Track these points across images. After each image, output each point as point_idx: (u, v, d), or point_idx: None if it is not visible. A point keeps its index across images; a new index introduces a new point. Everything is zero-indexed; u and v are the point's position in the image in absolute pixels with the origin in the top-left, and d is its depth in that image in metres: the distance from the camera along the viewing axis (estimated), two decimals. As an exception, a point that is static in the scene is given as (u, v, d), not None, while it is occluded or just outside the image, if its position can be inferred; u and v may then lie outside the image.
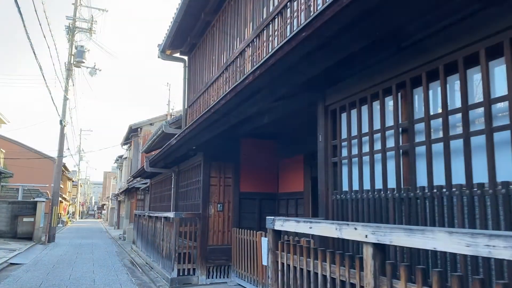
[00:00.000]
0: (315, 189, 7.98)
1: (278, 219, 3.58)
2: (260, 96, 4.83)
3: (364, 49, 3.23)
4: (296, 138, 8.18)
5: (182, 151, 9.01)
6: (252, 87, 4.20)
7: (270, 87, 4.20)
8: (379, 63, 3.37)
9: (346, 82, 3.75)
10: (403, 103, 3.17)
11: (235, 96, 4.56)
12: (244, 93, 4.51)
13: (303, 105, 5.21)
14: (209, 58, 10.00)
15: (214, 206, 8.61)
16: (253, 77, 3.90)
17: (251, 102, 5.16)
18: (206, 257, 8.34)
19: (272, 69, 3.65)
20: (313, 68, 3.62)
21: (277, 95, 4.72)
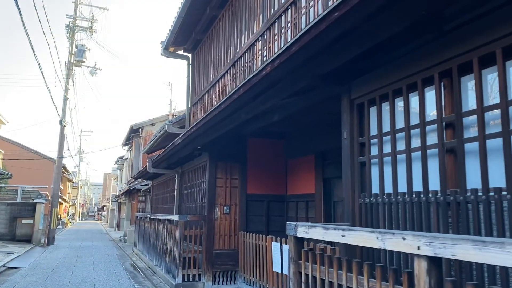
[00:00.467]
0: (328, 191, 7.64)
1: (301, 225, 3.20)
2: (275, 91, 4.45)
3: (400, 34, 2.86)
4: (307, 137, 7.80)
5: (187, 151, 8.63)
6: (268, 79, 3.83)
7: (289, 79, 3.82)
8: (416, 50, 2.99)
9: (376, 72, 3.37)
10: (447, 94, 2.79)
11: (249, 90, 4.19)
12: (258, 87, 4.13)
13: (321, 100, 4.84)
14: (214, 54, 9.63)
15: (220, 209, 8.22)
16: (271, 68, 3.53)
17: (264, 98, 4.79)
18: (212, 262, 7.95)
19: (294, 57, 3.28)
20: (339, 57, 3.25)
21: (294, 89, 4.34)
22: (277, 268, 6.36)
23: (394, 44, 3.10)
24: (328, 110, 6.40)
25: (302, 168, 8.05)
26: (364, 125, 3.54)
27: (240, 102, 4.74)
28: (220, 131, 6.96)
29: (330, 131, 7.14)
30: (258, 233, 7.51)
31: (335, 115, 6.72)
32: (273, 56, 3.45)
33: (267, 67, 3.58)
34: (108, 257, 14.33)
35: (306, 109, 6.27)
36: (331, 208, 7.19)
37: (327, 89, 4.04)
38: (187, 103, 11.47)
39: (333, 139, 7.13)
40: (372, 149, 3.46)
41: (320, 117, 6.94)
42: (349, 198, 3.56)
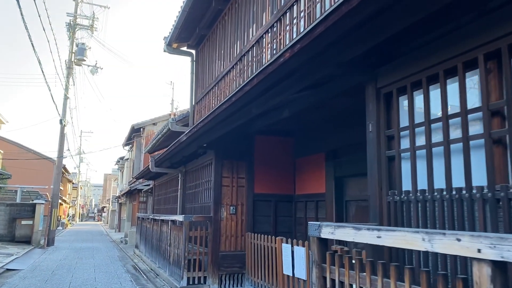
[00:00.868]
0: (339, 191, 7.34)
1: (326, 225, 2.90)
2: (291, 82, 4.16)
3: (438, 12, 2.57)
4: (316, 135, 7.51)
5: (192, 148, 8.33)
6: (286, 68, 3.53)
7: (308, 68, 3.53)
8: (455, 31, 2.70)
9: (407, 58, 3.07)
10: (493, 77, 2.50)
11: (264, 80, 3.89)
12: (273, 77, 3.84)
13: (338, 93, 4.55)
14: (219, 50, 9.33)
15: (226, 209, 7.92)
16: (290, 54, 3.23)
17: (278, 90, 4.50)
18: (218, 264, 7.65)
19: (317, 42, 2.98)
20: (367, 41, 2.96)
21: (311, 80, 4.04)
22: (288, 271, 6.06)
23: (430, 25, 2.81)
24: (342, 106, 6.12)
25: (312, 166, 7.75)
26: (393, 116, 3.24)
27: (252, 94, 4.45)
28: (227, 128, 6.67)
29: (342, 128, 6.86)
30: (265, 234, 7.22)
31: (348, 111, 6.47)
32: (293, 41, 3.15)
33: (285, 53, 3.28)
34: (109, 258, 14.02)
35: (317, 105, 5.98)
36: (343, 208, 6.89)
37: (347, 78, 3.74)
38: (191, 101, 11.18)
39: (345, 136, 6.87)
40: (402, 142, 3.16)
41: (331, 114, 6.65)
42: (375, 196, 3.27)
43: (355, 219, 6.66)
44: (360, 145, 6.60)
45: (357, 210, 6.62)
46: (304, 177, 8.07)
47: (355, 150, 6.56)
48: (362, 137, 6.49)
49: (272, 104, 5.24)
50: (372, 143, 3.34)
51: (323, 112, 6.58)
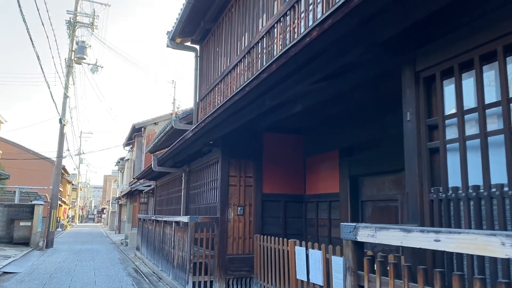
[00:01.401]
0: (355, 190, 6.95)
1: (364, 226, 2.51)
2: (312, 69, 3.78)
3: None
4: (330, 132, 7.12)
5: (197, 146, 7.95)
6: (311, 50, 3.15)
7: (337, 49, 3.14)
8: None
9: (454, 35, 2.69)
10: None
11: (284, 65, 3.51)
12: (295, 61, 3.46)
13: (361, 81, 4.18)
14: (225, 44, 8.95)
15: (234, 209, 7.53)
16: (319, 32, 2.84)
17: (296, 78, 4.12)
18: (225, 268, 7.25)
19: (351, 16, 2.60)
20: (408, 16, 2.57)
21: (335, 66, 3.66)
22: (302, 275, 5.66)
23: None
24: (360, 98, 5.73)
25: (324, 165, 7.36)
26: (436, 103, 2.86)
27: (269, 83, 4.06)
28: (236, 124, 6.29)
29: (358, 123, 6.47)
30: (275, 236, 6.83)
31: (366, 104, 6.08)
32: (323, 16, 2.76)
33: (312, 31, 2.89)
34: (110, 261, 13.62)
35: (333, 98, 5.61)
36: (358, 208, 6.50)
37: (380, 62, 3.36)
38: (195, 98, 10.80)
39: (361, 132, 6.47)
40: (448, 132, 2.77)
41: (347, 108, 6.26)
42: (415, 193, 2.88)
43: (371, 221, 6.26)
44: (378, 141, 6.24)
45: (374, 211, 6.23)
46: (315, 176, 7.68)
47: (372, 146, 6.19)
48: (380, 133, 6.13)
49: (287, 95, 4.86)
50: (411, 134, 2.95)
51: (338, 106, 6.20)
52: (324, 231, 7.23)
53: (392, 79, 4.65)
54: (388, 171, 5.87)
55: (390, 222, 5.85)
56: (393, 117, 5.63)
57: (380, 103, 5.73)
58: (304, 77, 4.18)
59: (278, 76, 3.86)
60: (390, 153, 5.75)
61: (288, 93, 4.78)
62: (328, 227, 7.12)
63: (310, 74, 4.10)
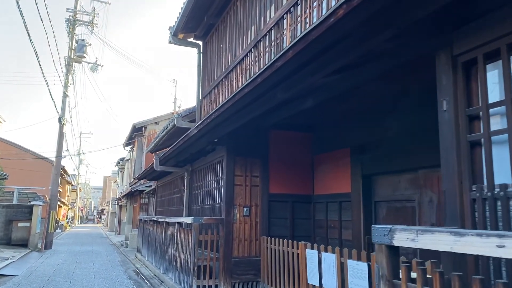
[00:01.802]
0: (367, 190, 6.63)
1: (402, 229, 2.19)
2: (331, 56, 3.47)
3: None
4: (340, 129, 6.81)
5: (201, 144, 7.65)
6: (335, 32, 2.84)
7: (363, 31, 2.83)
8: None
9: (498, 14, 2.38)
10: None
11: (302, 51, 3.20)
12: (315, 46, 3.14)
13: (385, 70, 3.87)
14: (230, 38, 8.64)
15: (239, 210, 7.21)
16: (346, 10, 2.53)
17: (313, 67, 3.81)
18: (230, 271, 6.93)
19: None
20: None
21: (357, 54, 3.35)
22: (314, 280, 5.34)
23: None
24: (376, 92, 5.43)
25: (334, 164, 7.04)
26: (475, 90, 2.54)
27: (283, 72, 3.75)
28: (242, 120, 5.98)
29: (372, 119, 6.15)
30: (282, 238, 6.52)
31: (381, 99, 5.77)
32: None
33: (338, 10, 2.58)
34: (110, 263, 13.30)
35: (346, 93, 5.29)
36: (371, 209, 6.19)
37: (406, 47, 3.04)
38: (198, 95, 10.49)
39: (375, 129, 6.14)
40: (493, 123, 2.45)
41: (361, 103, 5.95)
42: (454, 191, 2.56)
43: (386, 222, 5.95)
44: (393, 138, 5.91)
45: (389, 212, 5.91)
46: (324, 175, 7.36)
47: (386, 144, 5.86)
48: (395, 129, 5.81)
49: (299, 88, 4.55)
50: (448, 125, 2.63)
51: (351, 101, 5.89)
52: (334, 233, 6.92)
53: (415, 69, 4.35)
54: (404, 169, 5.56)
55: (406, 223, 5.53)
56: (411, 111, 5.32)
57: (398, 97, 5.42)
58: (320, 67, 3.87)
59: (294, 65, 3.55)
60: (406, 151, 5.45)
61: (301, 86, 4.46)
62: (338, 228, 6.80)
63: (326, 64, 3.80)
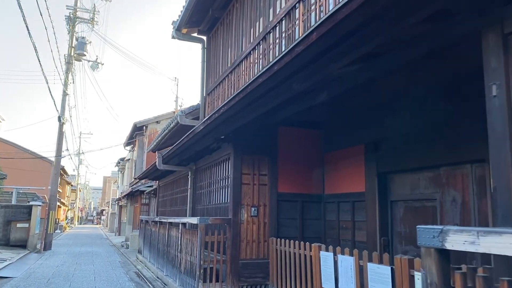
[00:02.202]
0: (383, 189, 6.32)
1: (456, 230, 1.89)
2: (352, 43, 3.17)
3: None
4: (354, 124, 6.50)
5: (207, 142, 7.34)
6: (369, 9, 2.52)
7: (405, 4, 2.52)
8: None
9: None
10: None
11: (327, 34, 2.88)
12: (342, 28, 2.83)
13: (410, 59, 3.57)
14: (236, 32, 8.33)
15: (247, 210, 6.90)
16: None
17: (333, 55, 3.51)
18: (238, 274, 6.62)
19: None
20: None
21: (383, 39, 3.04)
22: (329, 284, 5.03)
23: None
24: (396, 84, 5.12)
25: (346, 162, 6.73)
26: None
27: (303, 60, 3.45)
28: (251, 115, 5.68)
29: (388, 114, 5.83)
30: (291, 239, 6.22)
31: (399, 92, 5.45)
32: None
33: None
34: (110, 264, 12.98)
35: (363, 85, 4.99)
36: (387, 209, 5.87)
37: (446, 25, 2.73)
38: (202, 92, 10.18)
39: (392, 124, 5.80)
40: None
41: (377, 96, 5.64)
42: (507, 187, 2.25)
43: (403, 223, 5.64)
44: (412, 134, 5.58)
45: (407, 213, 5.60)
46: (335, 174, 7.05)
47: (404, 140, 5.54)
48: (415, 124, 5.50)
49: (316, 79, 4.24)
50: (499, 113, 2.32)
51: (367, 95, 5.58)
52: (347, 234, 6.61)
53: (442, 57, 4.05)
54: (424, 167, 5.25)
55: (426, 224, 5.22)
56: (433, 104, 5.02)
57: (418, 89, 5.12)
58: (342, 55, 3.58)
59: (316, 50, 3.24)
60: (426, 147, 5.14)
61: (318, 76, 4.16)
62: (351, 229, 6.49)
63: (349, 51, 3.50)
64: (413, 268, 3.76)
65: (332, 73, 4.19)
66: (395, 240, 5.76)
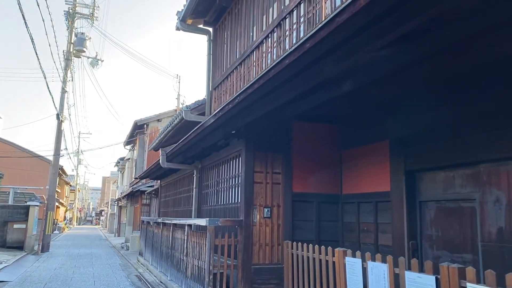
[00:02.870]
0: (412, 188, 5.79)
1: None
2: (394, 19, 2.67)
3: None
4: (377, 118, 5.98)
5: (215, 137, 6.84)
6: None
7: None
8: None
9: None
10: None
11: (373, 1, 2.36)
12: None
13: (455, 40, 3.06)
14: (246, 21, 7.82)
15: (260, 211, 6.39)
16: None
17: (374, 31, 3.00)
18: (250, 281, 6.10)
19: None
20: None
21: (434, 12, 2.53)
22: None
23: None
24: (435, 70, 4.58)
25: (368, 159, 6.21)
26: None
27: (343, 34, 2.93)
28: (267, 108, 5.20)
29: (418, 107, 5.31)
30: (306, 242, 5.72)
31: (436, 79, 4.92)
32: None
33: None
34: (110, 267, 12.45)
35: (394, 73, 4.49)
36: (416, 210, 5.35)
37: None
38: (208, 86, 9.67)
39: (422, 118, 5.26)
40: None
41: (408, 86, 5.11)
42: None
43: (434, 226, 5.12)
44: (445, 128, 5.05)
45: (439, 214, 5.07)
46: (355, 172, 6.53)
47: (437, 134, 5.02)
48: (449, 117, 4.95)
49: (350, 61, 3.72)
50: None
51: (396, 85, 5.06)
52: (369, 237, 6.08)
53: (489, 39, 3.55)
54: (460, 164, 4.73)
55: (463, 227, 4.71)
56: (472, 94, 4.51)
57: (455, 77, 4.60)
58: (379, 34, 3.07)
59: (359, 22, 2.72)
60: (463, 142, 4.61)
61: (353, 58, 3.65)
62: (374, 232, 5.97)
63: (390, 29, 3.01)
64: (464, 279, 3.25)
65: (360, 58, 3.69)
66: (425, 244, 5.24)
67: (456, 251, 4.76)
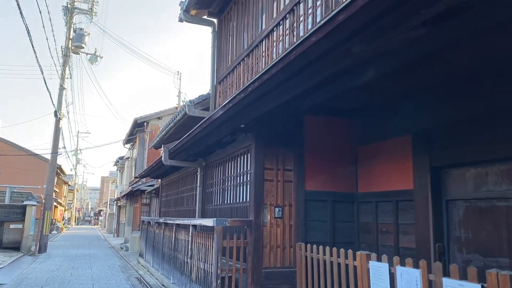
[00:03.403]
0: (437, 186, 5.38)
1: None
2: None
3: None
4: (397, 111, 5.56)
5: (222, 132, 6.41)
6: None
7: None
8: None
9: None
10: None
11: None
12: None
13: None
14: (254, 9, 7.39)
15: (270, 211, 5.96)
16: None
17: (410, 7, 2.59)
18: (260, 285, 5.67)
19: None
20: None
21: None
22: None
23: None
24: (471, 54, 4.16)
25: (387, 155, 5.78)
26: None
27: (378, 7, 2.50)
28: (282, 98, 4.77)
29: (444, 98, 4.91)
30: (320, 244, 5.29)
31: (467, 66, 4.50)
32: None
33: None
34: (109, 269, 12.02)
35: (422, 59, 4.07)
36: (442, 210, 4.93)
37: None
38: (212, 80, 9.24)
39: (450, 110, 4.85)
40: None
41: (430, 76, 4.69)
42: None
43: (464, 227, 4.70)
44: (477, 120, 4.64)
45: (469, 214, 4.65)
46: (372, 169, 6.10)
47: (467, 128, 4.61)
48: (480, 108, 4.54)
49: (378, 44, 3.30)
50: None
51: (423, 73, 4.63)
52: (388, 239, 5.66)
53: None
54: (494, 159, 4.31)
55: (497, 228, 4.29)
56: (508, 82, 4.09)
57: (487, 65, 4.18)
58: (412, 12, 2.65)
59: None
60: (498, 134, 4.20)
61: (383, 39, 3.23)
62: (394, 234, 5.54)
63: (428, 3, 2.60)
64: (518, 288, 2.83)
65: (390, 40, 3.26)
66: (453, 247, 4.82)
67: (490, 254, 4.34)
